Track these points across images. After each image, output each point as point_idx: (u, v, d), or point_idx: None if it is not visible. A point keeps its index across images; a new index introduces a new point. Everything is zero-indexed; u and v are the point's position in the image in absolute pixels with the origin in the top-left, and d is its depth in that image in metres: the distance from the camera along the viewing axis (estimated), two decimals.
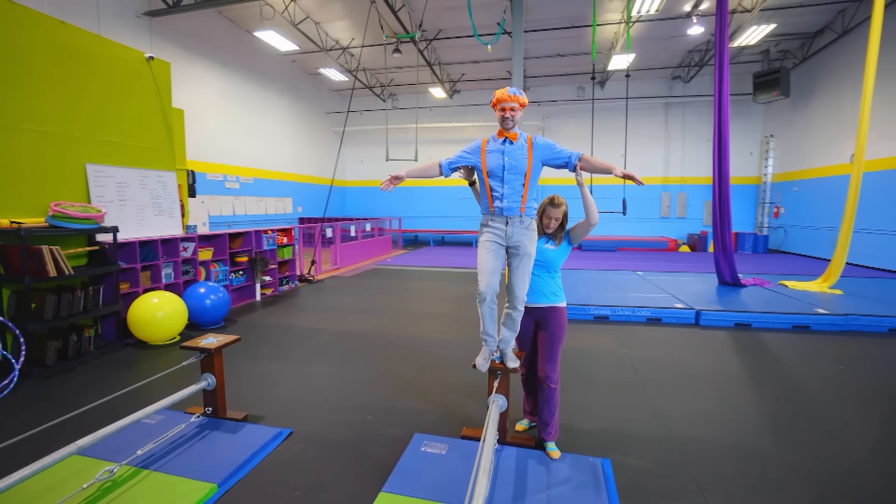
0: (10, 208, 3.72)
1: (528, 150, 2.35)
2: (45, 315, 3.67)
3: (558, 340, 2.49)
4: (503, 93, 2.31)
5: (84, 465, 2.35)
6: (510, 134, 2.36)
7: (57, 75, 4.04)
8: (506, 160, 2.34)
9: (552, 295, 2.49)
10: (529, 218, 2.37)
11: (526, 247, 2.37)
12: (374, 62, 13.19)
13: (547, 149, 2.38)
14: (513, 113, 2.31)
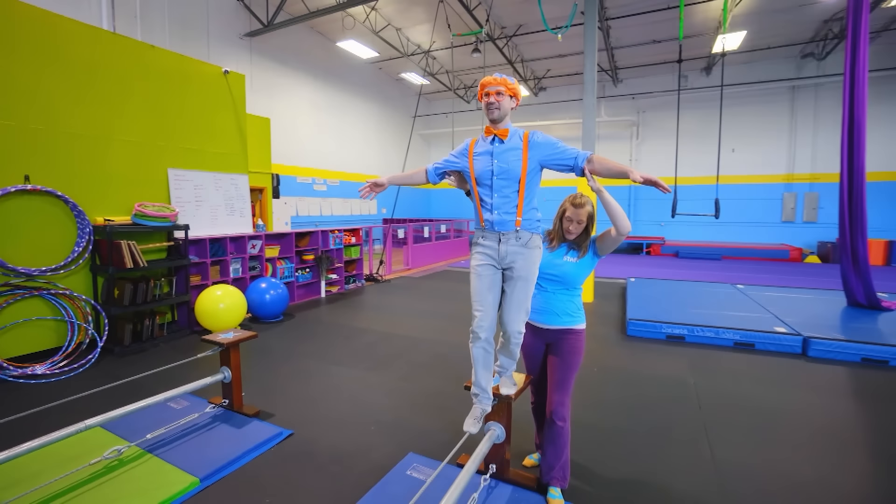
0: (105, 208, 4.31)
1: (522, 151, 1.92)
2: (124, 301, 4.18)
3: (571, 368, 2.07)
4: (487, 77, 1.95)
5: (103, 439, 2.57)
6: (499, 130, 1.94)
7: (146, 92, 4.61)
8: (494, 163, 1.93)
9: (567, 316, 2.08)
10: (528, 233, 1.94)
11: (521, 268, 1.94)
12: (455, 63, 13.21)
13: (547, 147, 1.93)
14: (498, 98, 1.90)
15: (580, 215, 2.02)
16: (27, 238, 3.76)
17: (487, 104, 1.92)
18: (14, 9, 3.71)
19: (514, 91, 1.95)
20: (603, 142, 14.44)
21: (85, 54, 4.13)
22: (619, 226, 1.90)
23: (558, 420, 2.02)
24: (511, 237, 1.94)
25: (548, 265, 2.07)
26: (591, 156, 1.87)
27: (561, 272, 2.06)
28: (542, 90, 15.21)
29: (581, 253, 2.06)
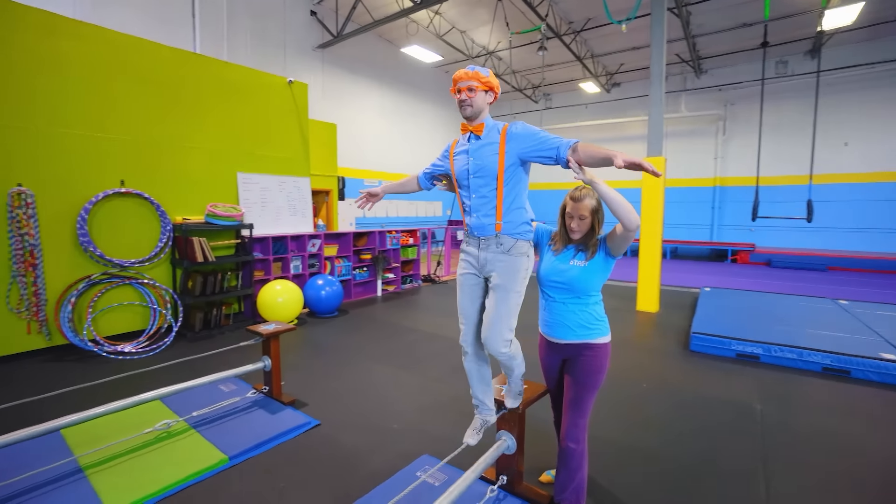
0: (183, 208, 4.83)
1: (499, 145, 1.76)
2: (196, 292, 4.65)
3: (587, 389, 1.84)
4: (459, 71, 1.80)
5: (160, 412, 2.88)
6: (474, 126, 1.81)
7: (220, 104, 5.10)
8: (470, 161, 1.81)
9: (582, 328, 1.83)
10: (511, 238, 1.77)
11: (500, 278, 1.76)
12: (521, 63, 12.99)
13: (527, 139, 1.73)
14: (470, 94, 1.76)
15: (580, 210, 1.79)
16: (122, 234, 4.34)
17: (459, 101, 1.79)
18: (119, 41, 4.30)
19: (488, 85, 1.79)
20: (682, 139, 13.32)
21: (172, 74, 4.67)
22: (624, 221, 1.65)
23: (570, 442, 1.83)
24: (491, 243, 1.78)
25: (553, 271, 1.86)
26: (577, 143, 1.64)
27: (567, 278, 1.82)
28: (616, 86, 14.40)
29: (590, 254, 1.82)
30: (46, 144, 3.88)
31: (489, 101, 1.82)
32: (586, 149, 1.61)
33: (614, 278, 8.81)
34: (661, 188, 5.76)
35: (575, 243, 1.87)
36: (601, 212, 1.83)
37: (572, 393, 1.86)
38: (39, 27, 3.83)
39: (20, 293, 3.74)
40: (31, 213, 3.75)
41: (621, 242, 1.77)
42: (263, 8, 8.64)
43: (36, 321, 3.83)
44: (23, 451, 2.41)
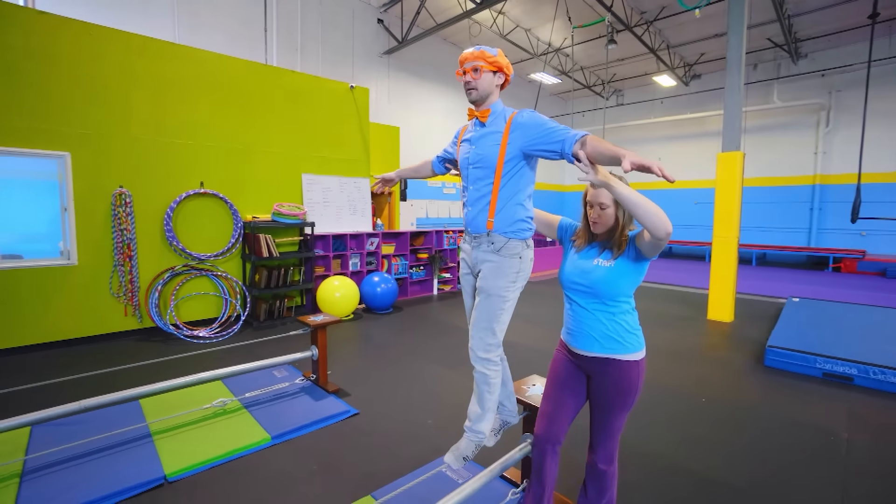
0: (253, 207, 5.26)
1: (503, 135, 1.61)
2: (262, 284, 5.05)
3: (618, 411, 1.60)
4: (465, 52, 1.66)
5: (219, 391, 3.16)
6: (479, 112, 1.67)
7: (287, 109, 5.49)
8: (472, 150, 1.68)
9: (610, 341, 1.56)
10: (502, 237, 1.62)
11: (486, 279, 1.62)
12: (590, 58, 12.48)
13: (533, 129, 1.55)
14: (475, 76, 1.61)
15: (600, 197, 1.56)
16: (200, 230, 4.83)
17: (465, 84, 1.66)
18: (202, 58, 4.81)
19: (496, 65, 1.63)
20: (773, 133, 11.96)
21: (246, 85, 5.12)
22: (651, 229, 1.37)
23: (602, 464, 1.66)
24: (482, 241, 1.65)
25: (575, 271, 1.62)
26: (586, 137, 1.42)
27: (591, 280, 1.57)
28: (696, 78, 13.31)
29: (616, 253, 1.55)
30: (143, 151, 4.44)
31: (498, 83, 1.67)
32: (596, 143, 1.38)
33: (681, 283, 8.14)
34: (738, 186, 5.22)
35: (599, 240, 1.64)
36: None
37: (600, 416, 1.64)
38: (139, 50, 4.39)
39: (119, 281, 4.31)
40: (129, 211, 4.31)
41: (651, 248, 1.49)
42: (333, 19, 9.15)
43: (131, 305, 4.39)
44: (109, 413, 2.78)
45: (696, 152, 13.58)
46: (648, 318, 5.59)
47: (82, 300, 4.16)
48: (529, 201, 1.68)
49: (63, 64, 3.99)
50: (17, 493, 2.03)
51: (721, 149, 5.36)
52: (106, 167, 4.23)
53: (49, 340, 4.04)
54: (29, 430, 2.59)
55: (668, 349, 4.34)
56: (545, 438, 1.71)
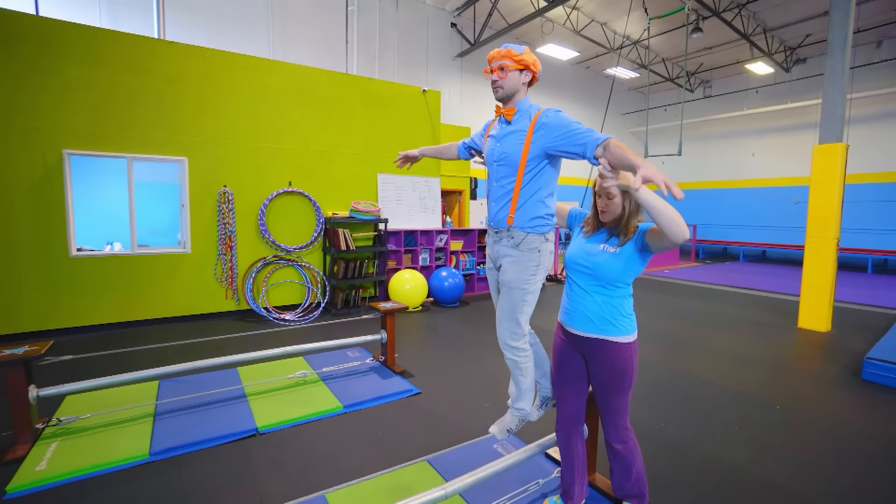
0: (333, 204, 5.77)
1: (526, 133, 1.64)
2: (339, 275, 5.52)
3: (617, 392, 1.65)
4: (492, 51, 1.70)
5: (301, 365, 3.57)
6: (505, 110, 1.72)
7: (363, 114, 5.93)
8: (497, 147, 1.74)
9: (605, 322, 1.61)
10: (521, 232, 1.67)
11: (507, 273, 1.69)
12: (673, 49, 11.77)
13: (556, 130, 1.57)
14: (501, 74, 1.65)
15: (613, 188, 1.59)
16: (288, 224, 5.41)
17: (492, 83, 1.70)
18: (291, 70, 5.39)
19: (522, 63, 1.66)
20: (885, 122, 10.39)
21: (328, 92, 5.64)
22: (668, 234, 1.38)
23: (616, 443, 1.70)
24: (503, 236, 1.71)
25: (579, 253, 1.67)
26: (609, 141, 1.41)
27: (593, 263, 1.62)
28: (799, 63, 11.96)
29: (622, 241, 1.59)
30: (242, 154, 5.09)
31: (525, 81, 1.70)
32: (616, 150, 1.39)
33: (773, 289, 7.41)
34: (839, 182, 4.70)
35: (607, 227, 1.67)
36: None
37: (602, 398, 1.69)
38: (241, 67, 5.05)
39: (222, 267, 4.99)
40: (230, 207, 4.97)
41: (659, 246, 1.52)
42: (409, 26, 9.61)
43: (230, 289, 5.05)
44: (213, 375, 3.29)
45: (796, 145, 12.21)
46: (727, 324, 5.23)
47: (193, 283, 4.88)
48: (551, 199, 1.71)
49: (184, 83, 4.72)
50: (152, 428, 2.54)
51: (817, 140, 4.87)
52: (213, 169, 4.92)
53: (168, 315, 4.80)
54: (158, 382, 3.16)
55: (746, 355, 4.07)
56: (562, 419, 1.82)
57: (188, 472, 2.17)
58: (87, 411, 2.71)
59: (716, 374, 3.60)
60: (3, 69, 3.95)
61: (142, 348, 4.00)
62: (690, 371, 3.65)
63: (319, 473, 2.16)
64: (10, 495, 1.98)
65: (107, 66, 4.34)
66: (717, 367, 3.76)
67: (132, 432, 2.49)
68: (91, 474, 2.14)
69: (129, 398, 2.92)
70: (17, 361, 2.36)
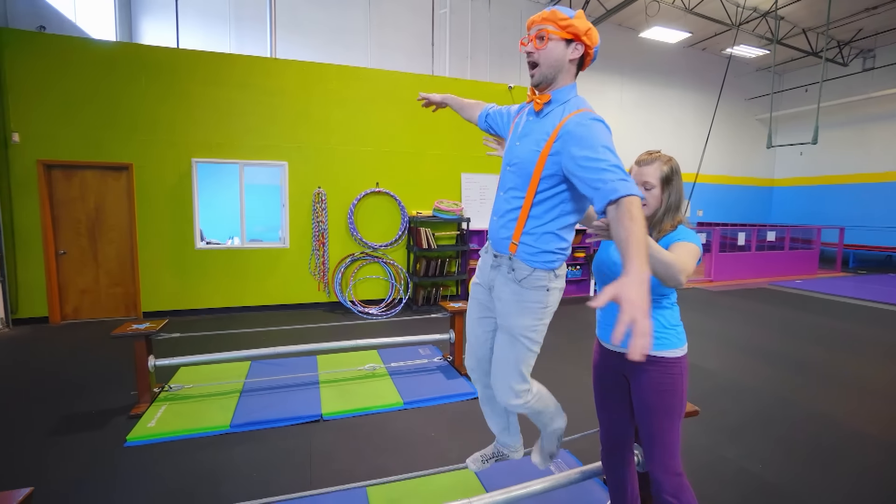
0: (417, 203, 5.93)
1: (549, 138, 1.21)
2: (421, 273, 5.66)
3: (664, 415, 1.36)
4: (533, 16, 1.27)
5: (373, 358, 3.73)
6: (538, 97, 1.26)
7: (446, 114, 5.95)
8: (515, 147, 1.31)
9: None
10: (528, 267, 1.27)
11: (505, 315, 1.33)
12: (818, 16, 9.91)
13: (579, 147, 1.13)
14: (539, 45, 1.21)
15: (645, 175, 1.36)
16: (374, 223, 5.71)
17: (527, 57, 1.26)
18: (380, 76, 5.68)
19: (571, 31, 1.19)
20: None
21: (413, 95, 5.78)
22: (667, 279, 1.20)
23: (667, 496, 1.35)
24: (503, 263, 1.32)
25: (608, 261, 1.44)
26: (626, 200, 1.03)
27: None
28: None
29: (656, 237, 1.36)
30: (334, 157, 5.49)
31: (572, 57, 1.22)
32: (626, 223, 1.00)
33: None
34: None
35: None
36: (678, 184, 1.37)
37: (646, 428, 1.40)
38: (335, 76, 5.44)
39: (315, 262, 5.44)
40: (323, 206, 5.40)
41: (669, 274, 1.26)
42: (501, 23, 9.49)
43: (322, 282, 5.49)
44: (296, 360, 3.59)
45: None
46: (872, 350, 4.25)
47: (290, 276, 5.40)
48: (569, 231, 1.30)
49: (284, 94, 5.24)
50: (236, 403, 2.86)
51: None
52: (309, 172, 5.38)
53: (268, 303, 5.38)
54: (250, 363, 3.55)
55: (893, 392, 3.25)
56: (604, 446, 1.60)
57: (256, 447, 2.39)
58: (191, 382, 3.15)
59: (846, 411, 2.93)
60: (150, 95, 4.77)
61: (243, 331, 4.53)
62: (809, 403, 3.03)
63: (366, 466, 2.23)
64: (129, 443, 2.40)
65: (225, 84, 5.00)
66: (849, 402, 3.07)
67: (220, 405, 2.83)
68: (184, 436, 2.47)
69: (225, 374, 3.32)
70: (141, 335, 2.82)
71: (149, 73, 4.76)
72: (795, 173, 13.72)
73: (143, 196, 4.84)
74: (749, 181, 13.87)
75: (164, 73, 4.80)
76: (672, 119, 12.27)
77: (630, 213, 1.01)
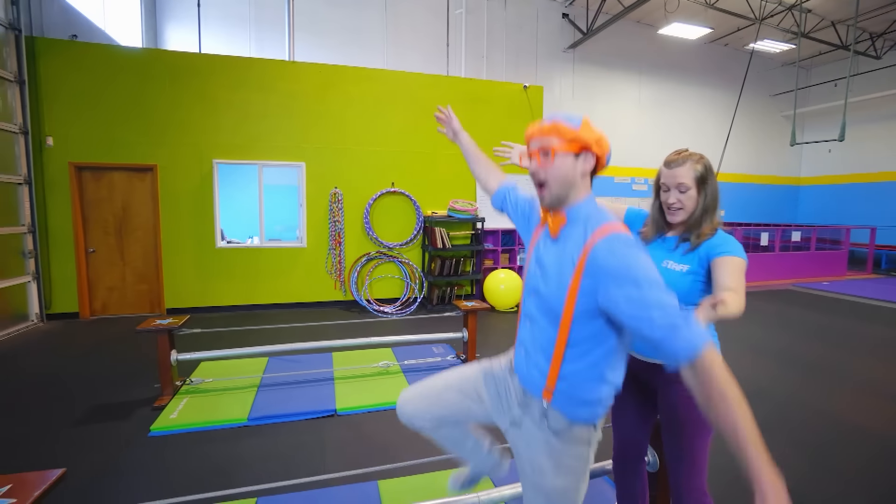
0: (432, 203, 5.97)
1: (574, 271, 0.99)
2: (436, 272, 5.70)
3: (695, 429, 1.30)
4: (531, 126, 1.10)
5: (387, 355, 3.78)
6: (553, 219, 1.08)
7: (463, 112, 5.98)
8: (536, 270, 1.11)
9: None
10: (565, 419, 1.05)
11: (541, 471, 1.08)
12: (844, 9, 9.58)
13: (616, 282, 0.93)
14: (543, 162, 1.05)
15: (679, 177, 1.29)
16: (390, 222, 5.77)
17: (532, 175, 1.09)
18: (395, 77, 5.74)
19: (580, 143, 1.02)
20: None
21: (428, 95, 5.85)
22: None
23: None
24: (534, 407, 1.10)
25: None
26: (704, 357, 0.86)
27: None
28: None
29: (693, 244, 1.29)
30: (351, 158, 5.58)
31: (584, 170, 1.05)
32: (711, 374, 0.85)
33: None
34: None
35: (672, 232, 1.36)
36: (713, 182, 1.31)
37: (675, 439, 1.31)
38: (352, 78, 5.53)
39: (331, 261, 5.54)
40: (340, 206, 5.49)
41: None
42: (518, 22, 9.47)
43: (338, 281, 5.58)
44: (310, 357, 3.67)
45: None
46: None
47: (307, 274, 5.51)
48: (617, 366, 1.06)
49: (302, 96, 5.35)
50: (254, 397, 2.94)
51: None
52: (326, 172, 5.48)
53: (286, 301, 5.49)
54: (267, 359, 3.64)
55: None
56: (616, 447, 1.54)
57: (272, 440, 2.45)
58: (211, 376, 3.25)
59: (868, 416, 2.84)
60: (174, 98, 4.93)
61: (261, 327, 4.65)
62: (830, 408, 2.95)
63: (378, 461, 2.27)
64: (152, 433, 2.50)
65: (245, 87, 5.14)
66: (873, 408, 2.97)
67: (239, 399, 2.91)
68: (204, 428, 2.56)
69: (244, 369, 3.42)
70: (164, 330, 2.93)
71: (173, 77, 4.92)
72: (823, 171, 13.27)
73: (166, 196, 5.00)
74: (774, 180, 13.48)
75: (187, 77, 4.96)
76: (692, 117, 12.02)
77: (719, 382, 0.84)
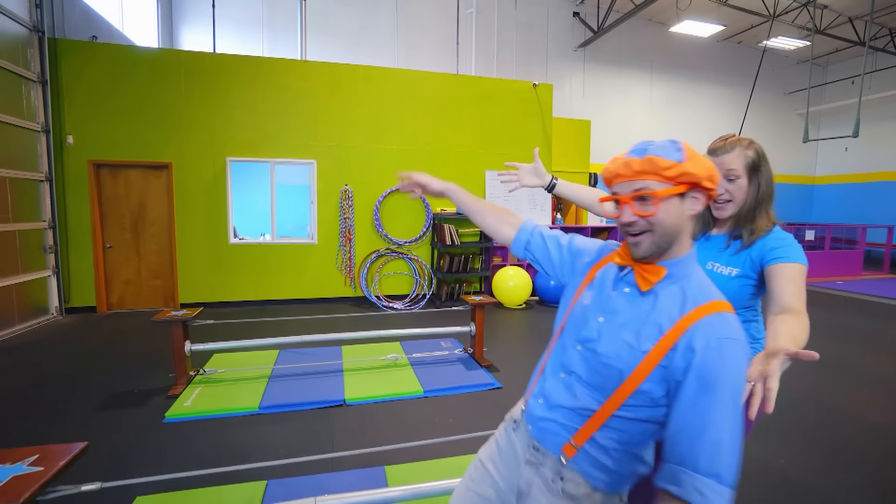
0: (442, 200, 5.99)
1: (663, 337, 0.78)
2: (445, 269, 5.73)
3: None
4: (615, 161, 0.83)
5: (396, 348, 3.83)
6: (646, 268, 0.83)
7: (473, 111, 6.05)
8: (598, 325, 0.87)
9: None
10: (586, 484, 0.86)
11: None
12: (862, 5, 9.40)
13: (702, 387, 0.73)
14: (643, 210, 0.79)
15: (728, 163, 1.16)
16: (399, 219, 5.82)
17: (622, 226, 0.83)
18: (405, 76, 5.80)
19: (687, 178, 0.77)
20: None
21: (438, 94, 5.89)
22: None
23: None
24: (548, 464, 0.90)
25: None
26: None
27: None
28: None
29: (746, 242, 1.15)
30: (361, 156, 5.64)
31: (692, 212, 0.81)
32: None
33: None
34: None
35: (719, 230, 1.22)
36: (767, 170, 1.17)
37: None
38: (363, 77, 5.59)
39: (342, 257, 5.60)
40: (350, 203, 5.55)
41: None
42: (528, 21, 9.47)
43: (348, 277, 5.64)
44: (320, 350, 3.73)
45: None
46: None
47: (318, 270, 5.58)
48: (652, 448, 0.90)
49: (314, 95, 5.42)
50: (265, 387, 3.01)
51: None
52: (337, 170, 5.55)
53: (297, 297, 5.57)
54: (278, 351, 3.71)
55: None
56: None
57: (283, 428, 2.51)
58: (224, 367, 3.33)
59: (883, 414, 2.81)
60: (189, 97, 5.04)
61: (273, 320, 4.72)
62: (844, 405, 2.92)
63: (386, 448, 2.31)
64: (167, 420, 2.58)
65: (259, 86, 5.23)
66: (888, 406, 2.94)
67: (250, 388, 2.98)
68: (216, 416, 2.62)
69: (256, 361, 3.48)
70: (178, 321, 3.01)
71: (188, 77, 5.03)
72: (839, 170, 13.03)
73: (181, 193, 5.11)
74: (788, 178, 13.27)
75: (202, 76, 5.06)
76: (704, 116, 11.88)
77: None
